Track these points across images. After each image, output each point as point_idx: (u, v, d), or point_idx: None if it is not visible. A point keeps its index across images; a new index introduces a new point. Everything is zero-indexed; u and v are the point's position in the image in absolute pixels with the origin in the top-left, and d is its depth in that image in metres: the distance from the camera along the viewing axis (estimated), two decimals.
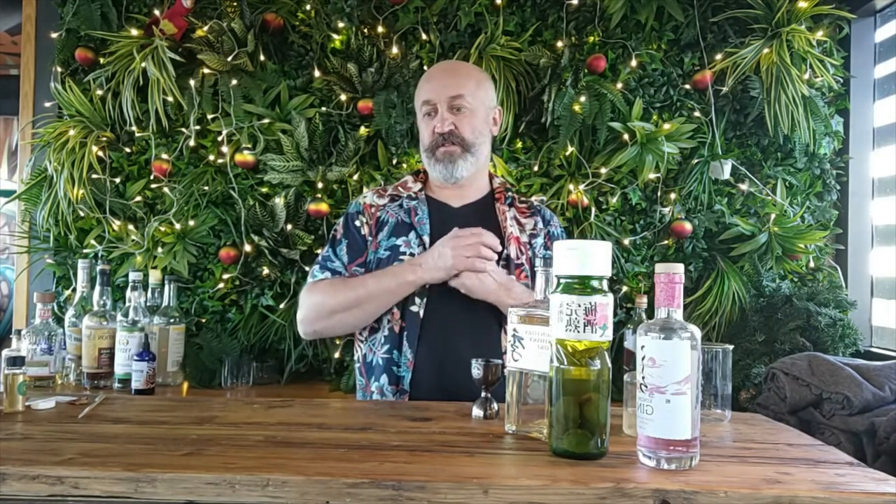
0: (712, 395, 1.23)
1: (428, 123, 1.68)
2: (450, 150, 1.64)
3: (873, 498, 0.84)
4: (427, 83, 1.71)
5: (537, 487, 0.85)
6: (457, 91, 1.64)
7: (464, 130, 1.64)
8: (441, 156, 1.65)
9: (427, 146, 1.68)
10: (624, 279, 2.43)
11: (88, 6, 2.47)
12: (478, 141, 1.67)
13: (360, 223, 1.69)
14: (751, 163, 2.46)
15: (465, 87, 1.66)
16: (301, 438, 1.06)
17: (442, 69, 1.82)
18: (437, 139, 1.65)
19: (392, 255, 1.62)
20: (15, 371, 1.22)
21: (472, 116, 1.66)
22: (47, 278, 2.55)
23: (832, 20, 2.41)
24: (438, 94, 1.65)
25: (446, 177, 1.66)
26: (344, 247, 1.69)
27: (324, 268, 1.68)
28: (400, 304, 1.58)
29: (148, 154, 2.49)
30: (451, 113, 1.65)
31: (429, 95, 1.67)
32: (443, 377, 1.52)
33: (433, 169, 1.68)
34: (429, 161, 1.68)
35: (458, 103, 1.64)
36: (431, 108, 1.67)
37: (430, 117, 1.67)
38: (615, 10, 2.41)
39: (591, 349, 0.95)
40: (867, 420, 1.64)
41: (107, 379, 2.02)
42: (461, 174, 1.66)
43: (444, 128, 1.63)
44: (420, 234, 1.63)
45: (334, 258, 1.68)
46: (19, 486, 0.87)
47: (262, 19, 2.46)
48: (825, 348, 2.11)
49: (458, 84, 1.66)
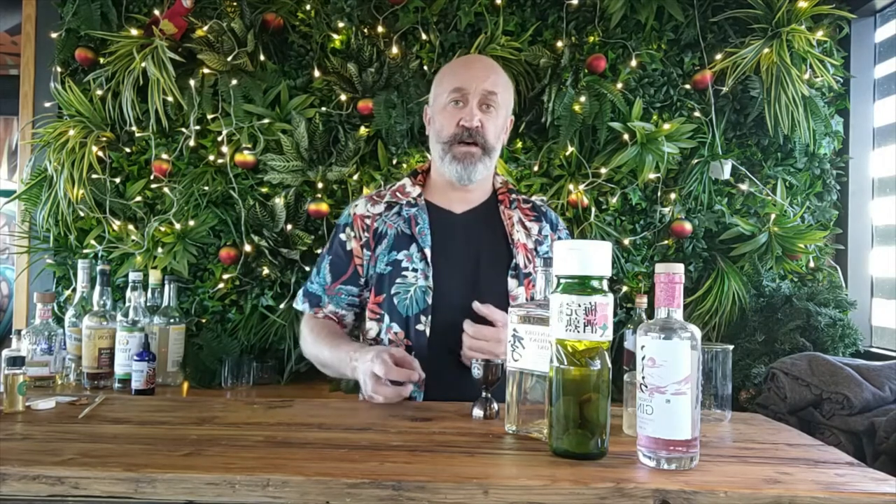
0: (712, 395, 1.23)
1: (453, 113, 1.55)
2: (471, 151, 1.54)
3: (873, 498, 0.84)
4: (462, 70, 1.59)
5: (537, 487, 0.85)
6: (492, 86, 1.55)
7: (488, 131, 1.55)
8: (461, 155, 1.55)
9: (446, 138, 1.56)
10: (624, 279, 2.43)
11: (88, 6, 2.47)
12: (496, 145, 1.59)
13: (347, 237, 1.63)
14: (751, 163, 2.46)
15: (498, 85, 1.56)
16: (301, 438, 1.06)
17: (478, 60, 1.68)
18: (460, 133, 1.54)
19: (394, 270, 1.55)
20: (15, 371, 1.22)
21: (496, 118, 1.57)
22: (47, 278, 2.55)
23: (832, 20, 2.41)
24: (474, 84, 1.53)
25: (461, 178, 1.56)
26: (327, 264, 1.64)
27: (306, 294, 1.66)
28: (404, 324, 1.52)
29: (148, 154, 2.49)
30: (480, 109, 1.54)
31: (464, 83, 1.54)
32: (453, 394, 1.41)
33: (448, 167, 1.57)
34: (443, 156, 1.57)
35: (490, 100, 1.55)
36: (461, 98, 1.54)
37: (457, 107, 1.55)
38: (615, 10, 2.41)
39: (591, 349, 0.95)
40: (867, 420, 1.64)
41: (107, 379, 2.02)
42: (476, 177, 1.57)
43: (474, 122, 1.53)
44: (422, 246, 1.55)
45: (316, 278, 1.65)
46: (19, 486, 0.87)
47: (262, 19, 2.46)
48: (825, 348, 2.11)
49: (495, 80, 1.56)
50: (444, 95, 1.57)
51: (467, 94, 1.54)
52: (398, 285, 1.54)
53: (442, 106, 1.58)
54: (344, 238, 1.64)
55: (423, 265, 1.54)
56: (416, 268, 1.54)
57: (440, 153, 1.59)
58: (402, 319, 1.53)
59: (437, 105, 1.61)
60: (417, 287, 1.52)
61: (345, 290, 1.62)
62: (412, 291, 1.52)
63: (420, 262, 1.54)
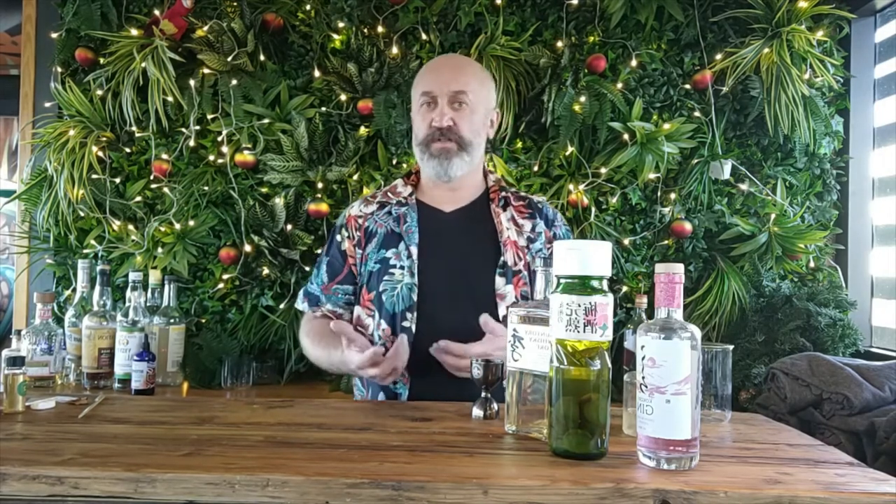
0: (712, 395, 1.23)
1: (425, 115, 1.60)
2: (446, 147, 1.57)
3: (873, 498, 0.84)
4: (429, 73, 1.64)
5: (537, 487, 0.85)
6: (460, 86, 1.58)
7: (462, 128, 1.58)
8: (436, 152, 1.58)
9: (421, 139, 1.61)
10: (624, 279, 2.43)
11: (88, 6, 2.47)
12: (475, 141, 1.61)
13: (342, 237, 1.67)
14: (751, 163, 2.46)
15: (468, 84, 1.59)
16: (301, 438, 1.06)
17: (446, 62, 1.74)
18: (433, 133, 1.58)
19: (382, 267, 1.58)
20: (15, 371, 1.22)
21: (471, 115, 1.59)
22: (47, 278, 2.55)
23: (832, 20, 2.41)
24: (440, 87, 1.58)
25: (440, 174, 1.59)
26: (324, 265, 1.69)
27: (306, 294, 1.71)
28: (390, 321, 1.54)
29: (148, 154, 2.49)
30: (452, 108, 1.58)
31: (430, 86, 1.59)
32: (439, 391, 1.43)
33: (426, 165, 1.61)
34: (422, 156, 1.61)
35: (459, 99, 1.57)
36: (430, 100, 1.59)
37: (429, 108, 1.60)
38: (615, 10, 2.41)
39: (591, 349, 0.95)
40: (867, 420, 1.64)
41: (107, 379, 2.02)
42: (455, 173, 1.59)
43: (443, 122, 1.56)
44: (408, 243, 1.58)
45: (315, 278, 1.71)
46: (19, 486, 0.87)
47: (262, 19, 2.46)
48: (825, 348, 2.11)
49: (461, 79, 1.59)
50: (416, 100, 1.64)
51: (436, 97, 1.59)
52: (385, 282, 1.57)
53: (416, 110, 1.65)
54: (339, 239, 1.68)
55: (409, 262, 1.56)
56: (402, 265, 1.57)
57: (419, 154, 1.64)
58: (389, 316, 1.55)
59: (413, 109, 1.67)
60: (404, 284, 1.55)
61: (341, 290, 1.65)
62: (399, 288, 1.55)
63: (407, 260, 1.57)
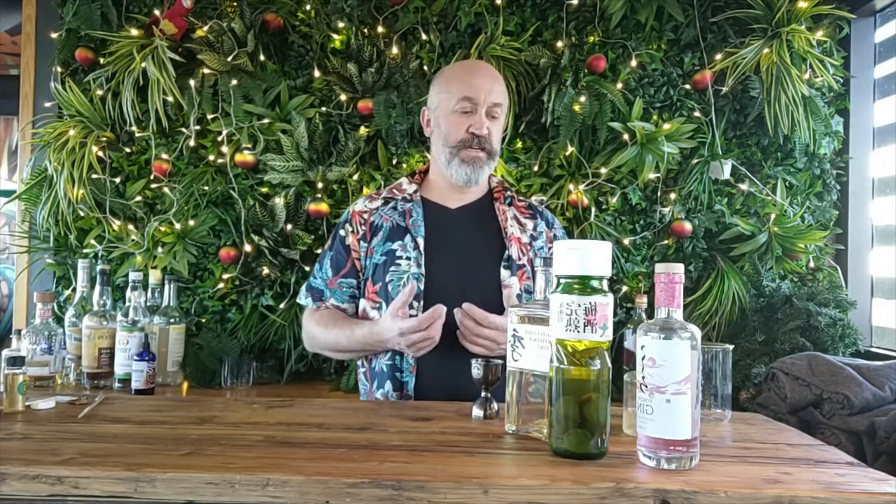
0: (712, 395, 1.23)
1: (461, 120, 1.63)
2: (478, 156, 1.63)
3: (873, 498, 0.84)
4: (472, 78, 1.66)
5: (537, 487, 0.85)
6: (498, 98, 1.65)
7: (494, 139, 1.65)
8: (469, 159, 1.63)
9: (454, 143, 1.64)
10: (624, 279, 2.43)
11: (88, 6, 2.47)
12: (498, 150, 1.70)
13: (346, 232, 1.70)
14: (751, 163, 2.46)
15: (501, 95, 1.67)
16: (301, 438, 1.06)
17: (483, 70, 1.75)
18: (469, 139, 1.62)
19: (388, 259, 1.61)
20: (15, 371, 1.22)
21: (500, 126, 1.69)
22: (47, 278, 2.55)
23: (832, 20, 2.41)
24: (482, 95, 1.62)
25: (469, 181, 1.64)
26: (328, 259, 1.71)
27: (309, 289, 1.73)
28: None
29: (148, 154, 2.49)
30: (489, 118, 1.64)
31: (473, 93, 1.62)
32: (446, 381, 1.50)
33: (455, 170, 1.64)
34: (450, 159, 1.65)
35: (495, 112, 1.65)
36: (471, 107, 1.62)
37: (467, 115, 1.63)
38: (615, 10, 2.41)
39: (591, 349, 0.95)
40: (867, 420, 1.64)
41: (107, 379, 2.02)
42: (481, 179, 1.67)
43: (483, 131, 1.62)
44: (415, 236, 1.61)
45: (318, 273, 1.73)
46: (19, 486, 0.87)
47: (262, 19, 2.46)
48: (825, 348, 2.11)
49: (500, 91, 1.67)
50: (453, 102, 1.64)
51: (477, 104, 1.62)
52: (392, 273, 1.60)
53: (449, 111, 1.65)
54: (343, 234, 1.71)
55: (416, 254, 1.60)
56: (409, 256, 1.60)
57: (447, 156, 1.66)
58: None
59: (443, 109, 1.67)
60: (410, 274, 1.58)
61: (345, 284, 1.68)
62: (405, 278, 1.58)
63: (413, 251, 1.60)
